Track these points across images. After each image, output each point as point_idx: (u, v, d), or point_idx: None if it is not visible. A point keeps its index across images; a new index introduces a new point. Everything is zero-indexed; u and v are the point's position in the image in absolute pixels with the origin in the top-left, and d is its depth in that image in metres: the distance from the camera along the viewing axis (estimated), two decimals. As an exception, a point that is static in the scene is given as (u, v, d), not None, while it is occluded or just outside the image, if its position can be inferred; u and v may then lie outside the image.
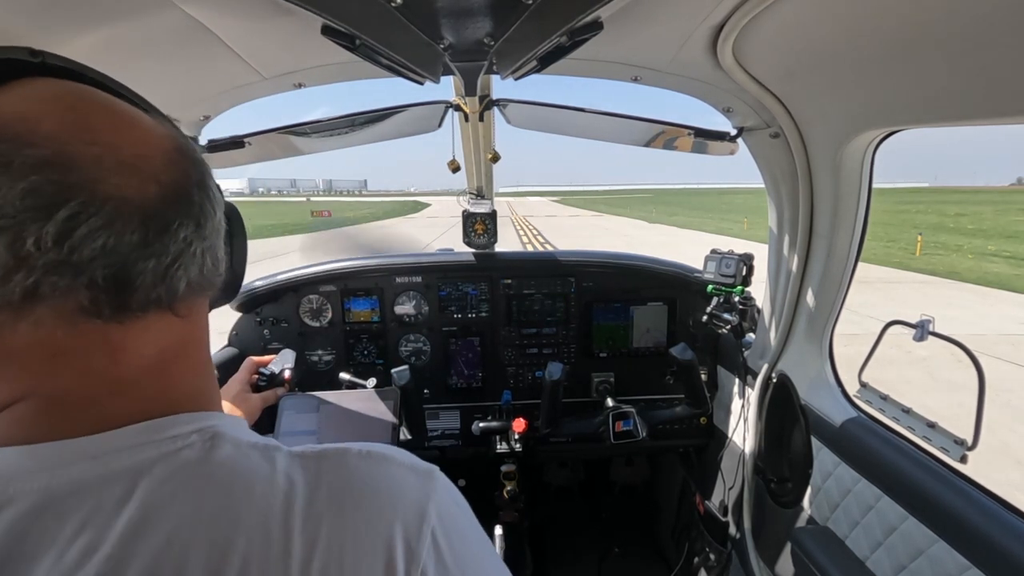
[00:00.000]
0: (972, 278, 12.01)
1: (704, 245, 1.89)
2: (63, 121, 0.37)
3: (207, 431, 0.42)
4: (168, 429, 0.40)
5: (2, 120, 0.36)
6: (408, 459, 0.46)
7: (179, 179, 0.42)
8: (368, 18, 0.78)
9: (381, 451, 0.45)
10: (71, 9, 0.72)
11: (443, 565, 0.41)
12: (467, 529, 0.47)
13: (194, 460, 0.39)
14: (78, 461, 0.37)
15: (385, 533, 0.40)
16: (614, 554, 2.43)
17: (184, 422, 0.41)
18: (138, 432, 0.39)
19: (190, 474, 0.38)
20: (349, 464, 0.43)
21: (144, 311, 0.40)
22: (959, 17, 0.72)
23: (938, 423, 1.09)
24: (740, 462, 1.67)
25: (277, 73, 1.19)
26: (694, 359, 1.67)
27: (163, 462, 0.38)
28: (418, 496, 0.43)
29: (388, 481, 0.43)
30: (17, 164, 0.34)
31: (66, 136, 0.36)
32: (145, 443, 0.39)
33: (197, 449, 0.40)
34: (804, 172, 1.32)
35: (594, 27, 0.85)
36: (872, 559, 1.14)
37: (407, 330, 2.00)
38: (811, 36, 0.95)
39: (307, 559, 0.37)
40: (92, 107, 0.40)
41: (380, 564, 0.39)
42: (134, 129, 0.41)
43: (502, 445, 1.89)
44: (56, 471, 0.36)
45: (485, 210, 1.88)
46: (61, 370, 0.38)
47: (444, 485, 0.46)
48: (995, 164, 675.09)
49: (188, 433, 0.41)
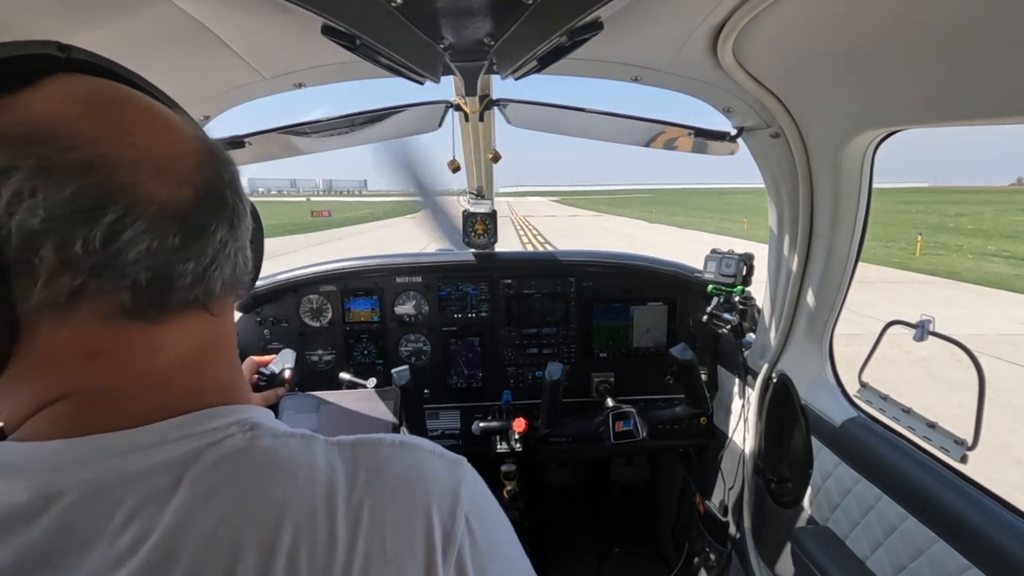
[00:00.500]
0: (972, 278, 12.02)
1: (704, 245, 1.89)
2: (100, 122, 0.38)
3: (245, 422, 0.43)
4: (207, 422, 0.41)
5: (38, 121, 0.36)
6: (438, 449, 0.48)
7: (212, 181, 0.43)
8: (368, 18, 0.79)
9: (413, 441, 0.47)
10: (70, 7, 0.72)
11: (476, 547, 0.42)
12: (496, 515, 0.49)
13: (238, 449, 0.40)
14: (122, 454, 0.38)
15: (423, 516, 0.41)
16: (614, 554, 2.43)
17: (222, 415, 0.42)
18: (178, 425, 0.40)
19: (235, 462, 0.39)
20: (383, 452, 0.44)
21: (182, 311, 0.42)
22: (959, 17, 0.72)
23: (938, 423, 1.09)
24: (740, 462, 1.67)
25: (277, 73, 1.19)
26: (694, 359, 1.67)
27: (208, 452, 0.39)
28: (450, 482, 0.44)
29: (421, 468, 0.44)
30: (60, 167, 0.35)
31: (105, 138, 0.37)
32: (186, 436, 0.40)
33: (239, 439, 0.41)
34: (804, 172, 1.32)
35: (594, 27, 0.85)
36: (872, 559, 1.14)
37: (407, 330, 2.00)
38: (811, 36, 0.95)
39: (352, 542, 0.38)
40: (125, 107, 0.41)
41: (420, 546, 0.40)
42: (167, 131, 0.42)
43: (502, 445, 1.89)
44: (101, 464, 0.37)
45: (485, 210, 1.88)
46: (101, 368, 0.39)
47: (472, 473, 0.48)
48: (995, 164, 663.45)
49: (228, 425, 0.42)
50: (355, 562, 0.37)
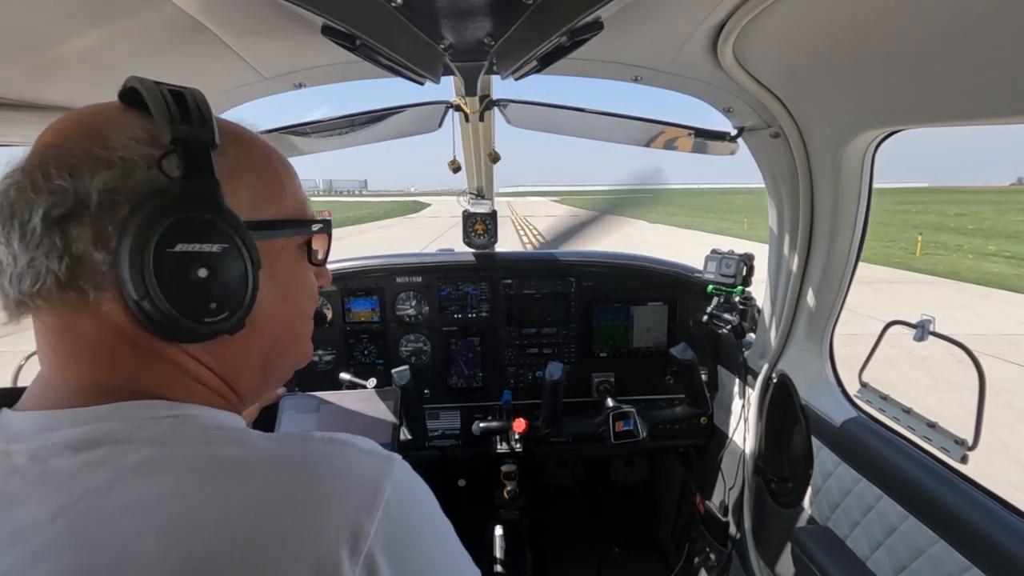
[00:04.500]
0: (972, 278, 12.02)
1: (705, 245, 1.89)
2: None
3: (180, 417, 0.44)
4: (148, 411, 0.44)
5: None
6: (370, 446, 0.47)
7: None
8: (368, 18, 0.79)
9: (344, 438, 0.47)
10: (70, 7, 0.71)
11: (394, 542, 0.41)
12: (428, 512, 0.47)
13: (163, 436, 0.42)
14: (68, 427, 0.41)
15: (339, 503, 0.41)
16: (614, 554, 2.43)
17: (165, 408, 0.45)
18: (123, 407, 0.43)
19: (157, 448, 0.41)
20: (310, 445, 0.45)
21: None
22: (959, 17, 0.72)
23: (938, 423, 1.09)
24: (740, 462, 1.67)
25: (277, 73, 1.19)
26: (694, 359, 1.67)
27: (139, 435, 0.42)
28: (375, 474, 0.44)
29: (346, 461, 0.44)
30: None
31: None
32: (126, 418, 0.42)
33: (166, 428, 0.43)
34: (804, 172, 1.32)
35: (594, 27, 0.85)
36: (872, 559, 1.14)
37: (407, 330, 2.00)
38: (811, 36, 0.95)
39: (257, 519, 0.38)
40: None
41: (333, 533, 0.39)
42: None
43: (502, 445, 1.89)
44: (48, 433, 0.41)
45: (485, 210, 1.88)
46: (49, 348, 0.46)
47: (403, 468, 0.46)
48: (995, 164, 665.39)
49: (163, 417, 0.44)
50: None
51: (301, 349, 0.62)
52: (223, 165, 0.48)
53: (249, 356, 0.53)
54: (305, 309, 0.60)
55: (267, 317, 0.52)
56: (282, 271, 0.54)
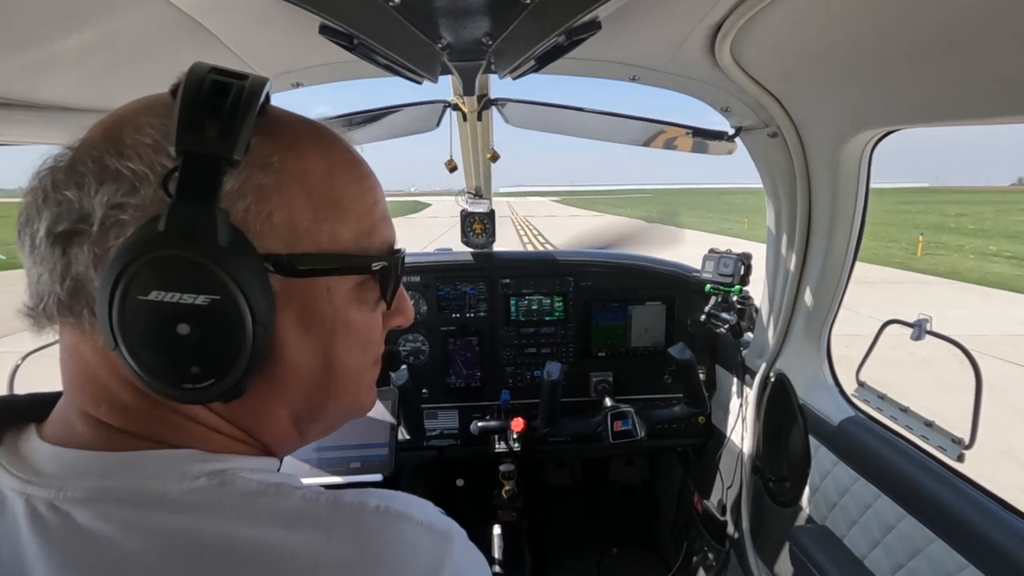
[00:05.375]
0: (974, 278, 12.00)
1: (705, 246, 1.89)
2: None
3: (216, 475, 0.38)
4: (180, 465, 0.38)
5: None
6: (427, 516, 0.41)
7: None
8: (366, 17, 0.78)
9: (400, 508, 0.41)
10: (67, 5, 0.71)
11: None
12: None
13: (198, 504, 0.37)
14: (90, 476, 0.37)
15: None
16: (613, 554, 2.43)
17: (198, 460, 0.39)
18: (152, 460, 0.38)
19: (190, 518, 0.36)
20: (363, 522, 0.39)
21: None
22: (957, 16, 0.72)
23: (935, 422, 1.10)
24: (738, 461, 1.67)
25: (275, 72, 1.19)
26: (692, 359, 1.67)
27: (167, 499, 0.36)
28: (431, 559, 0.39)
29: (401, 543, 0.39)
30: None
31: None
32: (154, 476, 0.37)
33: (203, 495, 0.37)
34: (802, 171, 1.32)
35: (592, 27, 0.85)
36: (870, 558, 1.14)
37: (405, 330, 2.00)
38: (809, 36, 0.95)
39: None
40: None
41: None
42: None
43: (501, 445, 1.89)
44: (70, 480, 0.37)
45: (483, 209, 1.88)
46: (78, 385, 0.40)
47: (462, 549, 0.42)
48: (995, 164, 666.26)
49: (197, 475, 0.38)
50: None
51: (352, 400, 0.49)
52: (257, 181, 0.38)
53: (270, 414, 0.44)
54: (356, 361, 0.47)
55: (295, 370, 0.42)
56: (324, 316, 0.43)
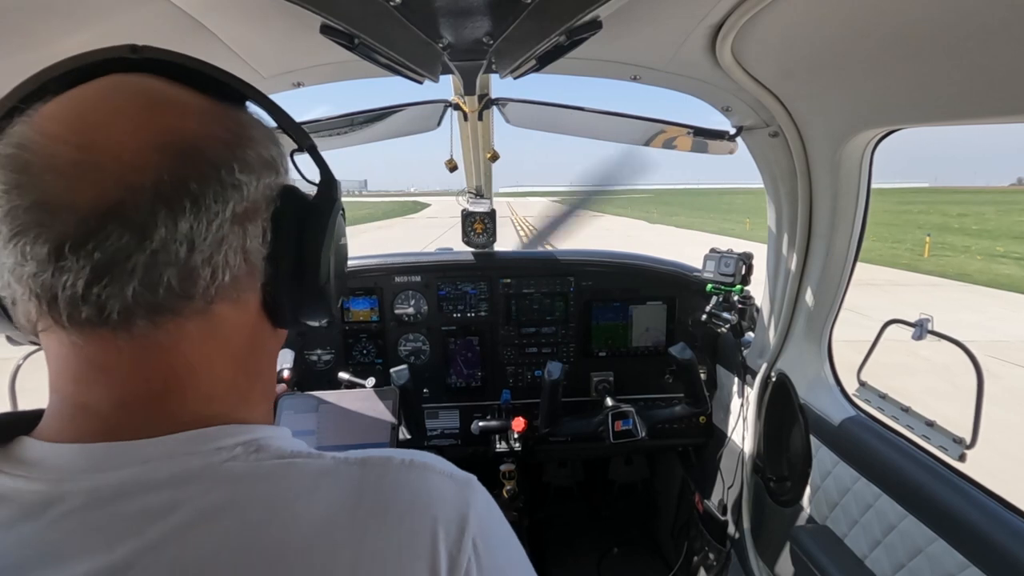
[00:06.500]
0: (983, 280, 11.79)
1: (706, 246, 1.89)
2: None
3: (251, 443, 0.42)
4: (211, 441, 0.41)
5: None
6: (447, 467, 0.47)
7: (162, 174, 0.38)
8: (367, 17, 0.79)
9: (423, 460, 0.46)
10: (66, 5, 0.72)
11: (482, 572, 0.42)
12: (506, 537, 0.48)
13: (240, 474, 0.40)
14: (128, 465, 0.38)
15: (428, 544, 0.40)
16: (613, 553, 2.43)
17: (229, 434, 0.42)
18: (179, 442, 0.40)
19: (233, 487, 0.39)
20: (391, 474, 0.44)
21: (152, 318, 0.40)
22: (958, 16, 0.72)
23: (936, 421, 1.09)
24: (739, 461, 1.67)
25: (276, 72, 1.19)
26: (693, 358, 1.67)
27: (209, 472, 0.39)
28: (458, 504, 0.43)
29: (428, 490, 0.43)
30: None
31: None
32: (189, 453, 0.40)
33: (241, 461, 0.41)
34: (803, 171, 1.32)
35: (593, 26, 0.85)
36: (871, 558, 1.14)
37: (406, 329, 2.00)
38: (810, 35, 0.95)
39: (352, 569, 0.38)
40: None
41: (424, 573, 0.39)
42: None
43: (501, 444, 1.89)
44: (106, 473, 0.37)
45: (484, 209, 1.88)
46: (104, 379, 0.40)
47: (482, 494, 0.47)
48: (995, 164, 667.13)
49: (233, 445, 0.41)
50: None
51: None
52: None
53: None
54: None
55: None
56: None
